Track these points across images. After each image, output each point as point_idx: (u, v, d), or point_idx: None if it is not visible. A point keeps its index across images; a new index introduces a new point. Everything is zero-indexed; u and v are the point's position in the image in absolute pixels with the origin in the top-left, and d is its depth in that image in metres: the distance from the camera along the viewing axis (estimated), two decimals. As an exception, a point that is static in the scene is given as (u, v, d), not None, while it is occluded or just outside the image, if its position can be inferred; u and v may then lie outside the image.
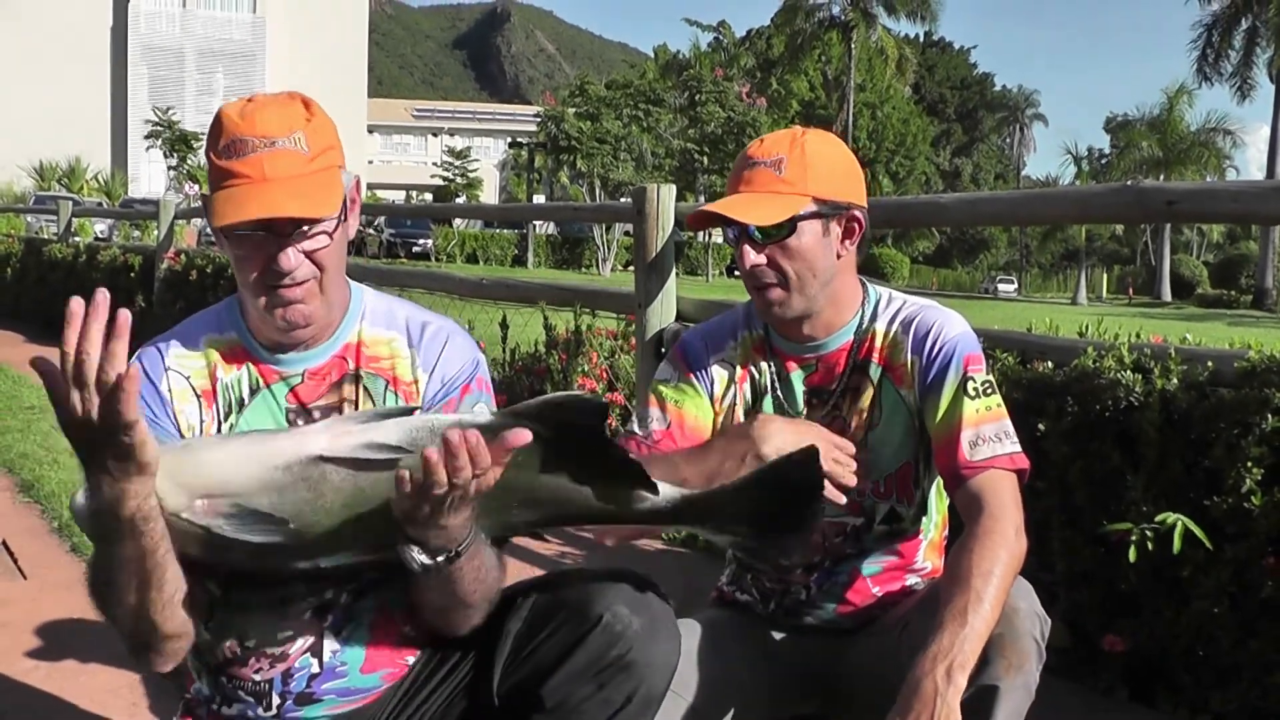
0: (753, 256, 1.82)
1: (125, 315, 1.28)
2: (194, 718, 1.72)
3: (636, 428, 1.96)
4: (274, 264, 1.54)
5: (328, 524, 1.45)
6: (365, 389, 1.67)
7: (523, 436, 1.37)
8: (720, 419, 1.95)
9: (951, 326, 1.86)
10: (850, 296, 1.91)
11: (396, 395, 1.68)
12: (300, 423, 1.64)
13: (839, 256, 1.86)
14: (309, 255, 1.56)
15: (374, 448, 1.43)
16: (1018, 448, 1.79)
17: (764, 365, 1.95)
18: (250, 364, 1.66)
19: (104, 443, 1.31)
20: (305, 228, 1.55)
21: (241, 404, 1.65)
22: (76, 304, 1.27)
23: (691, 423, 1.93)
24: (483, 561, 1.54)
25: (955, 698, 1.49)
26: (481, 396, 1.72)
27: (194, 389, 1.65)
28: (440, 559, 1.47)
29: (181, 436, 1.62)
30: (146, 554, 1.42)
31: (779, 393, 1.93)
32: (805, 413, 1.92)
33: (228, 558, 1.47)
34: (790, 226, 1.80)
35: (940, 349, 1.83)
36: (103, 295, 1.28)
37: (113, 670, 2.82)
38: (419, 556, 1.46)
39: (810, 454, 1.59)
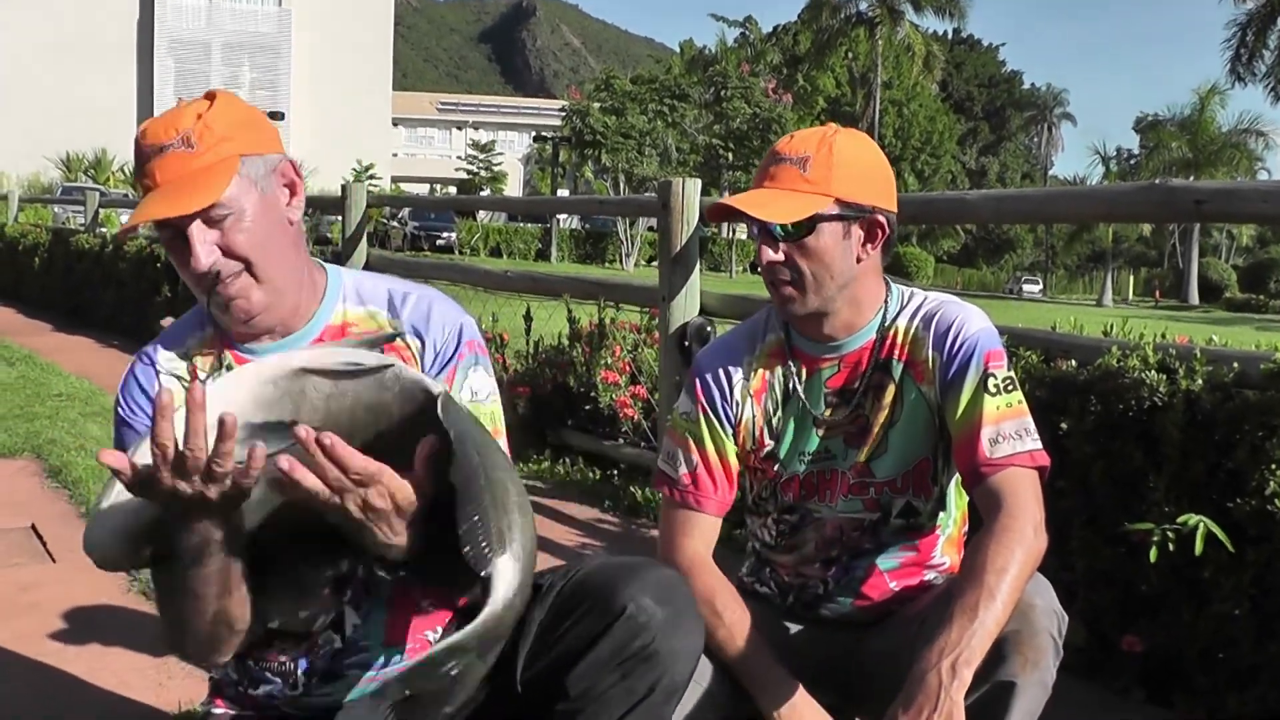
0: (770, 254, 1.82)
1: (232, 417, 1.31)
2: (224, 698, 1.74)
3: (665, 465, 1.99)
4: (191, 261, 1.56)
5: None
6: None
7: (428, 444, 1.40)
8: (743, 437, 1.96)
9: (972, 322, 1.86)
10: (871, 298, 1.90)
11: None
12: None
13: (859, 260, 1.85)
14: (226, 251, 1.56)
15: (353, 365, 1.44)
16: (1039, 445, 1.78)
17: (784, 370, 1.95)
18: (229, 354, 1.68)
19: (210, 503, 1.36)
20: (204, 224, 1.55)
21: None
22: (168, 395, 1.30)
23: (715, 460, 1.95)
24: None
25: (959, 692, 1.49)
26: (479, 360, 1.72)
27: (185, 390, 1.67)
28: (402, 572, 1.50)
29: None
30: (231, 563, 1.47)
31: (801, 396, 1.93)
32: (828, 413, 1.92)
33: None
34: (809, 226, 1.80)
35: (961, 345, 1.83)
36: (200, 391, 1.31)
37: (139, 651, 2.85)
38: (380, 571, 1.50)
39: None
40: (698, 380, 1.99)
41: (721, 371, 1.98)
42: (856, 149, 1.86)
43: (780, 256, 1.82)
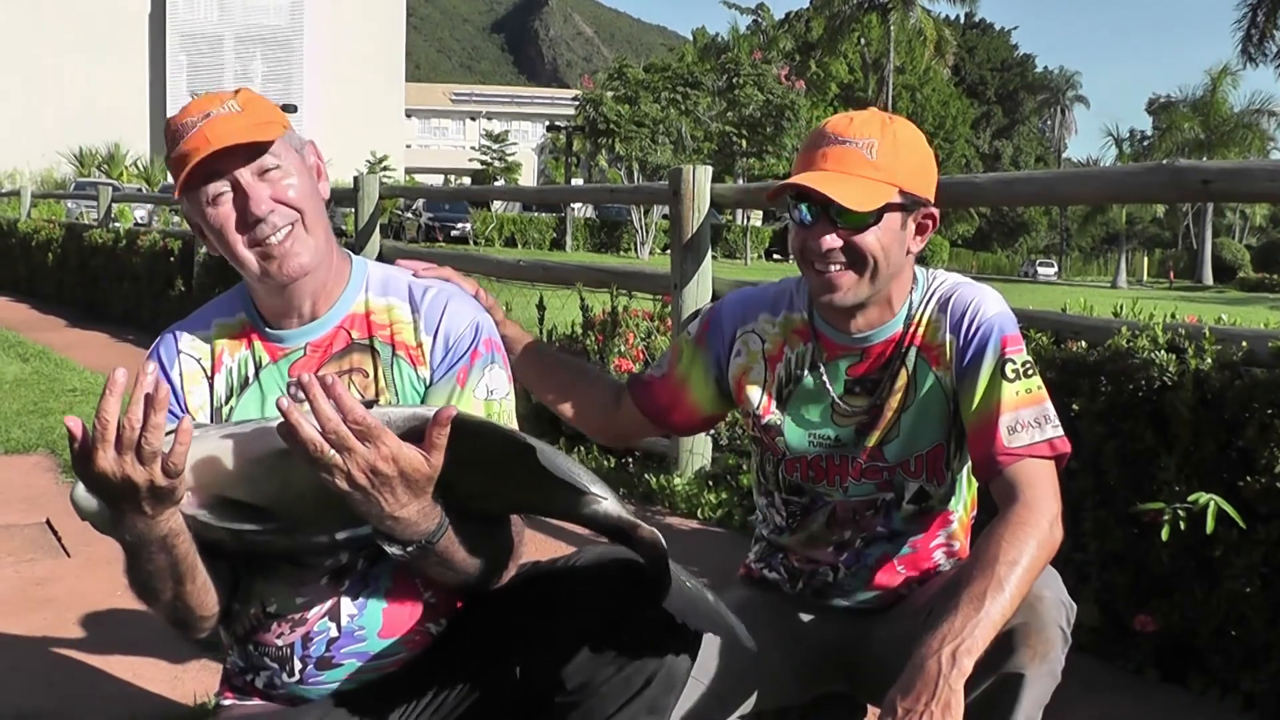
0: (830, 239, 1.76)
1: (166, 389, 1.36)
2: (232, 688, 1.75)
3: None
4: (248, 210, 1.58)
5: (302, 510, 1.49)
6: (375, 356, 1.69)
7: (449, 412, 1.41)
8: (738, 390, 1.96)
9: (989, 305, 1.82)
10: (902, 291, 1.86)
11: (405, 360, 1.69)
12: (301, 395, 1.66)
13: (908, 253, 1.82)
14: (279, 201, 1.60)
15: None
16: (1059, 431, 1.75)
17: (804, 348, 1.92)
18: (258, 342, 1.70)
19: (139, 492, 1.39)
20: (262, 169, 1.59)
21: (245, 384, 1.69)
22: (121, 374, 1.34)
23: (678, 382, 2.01)
24: (469, 540, 1.56)
25: (959, 681, 1.47)
26: (495, 358, 1.71)
27: (204, 370, 1.70)
28: (410, 549, 1.50)
29: (191, 416, 1.66)
30: (178, 561, 1.51)
31: (821, 376, 1.89)
32: (846, 401, 1.88)
33: (217, 538, 1.53)
34: (877, 214, 1.75)
35: (977, 330, 1.80)
36: (153, 367, 1.36)
37: (154, 645, 2.87)
38: (390, 548, 1.50)
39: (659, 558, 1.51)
40: (711, 313, 2.03)
41: (733, 315, 1.98)
42: (915, 139, 1.81)
43: (839, 242, 1.76)
